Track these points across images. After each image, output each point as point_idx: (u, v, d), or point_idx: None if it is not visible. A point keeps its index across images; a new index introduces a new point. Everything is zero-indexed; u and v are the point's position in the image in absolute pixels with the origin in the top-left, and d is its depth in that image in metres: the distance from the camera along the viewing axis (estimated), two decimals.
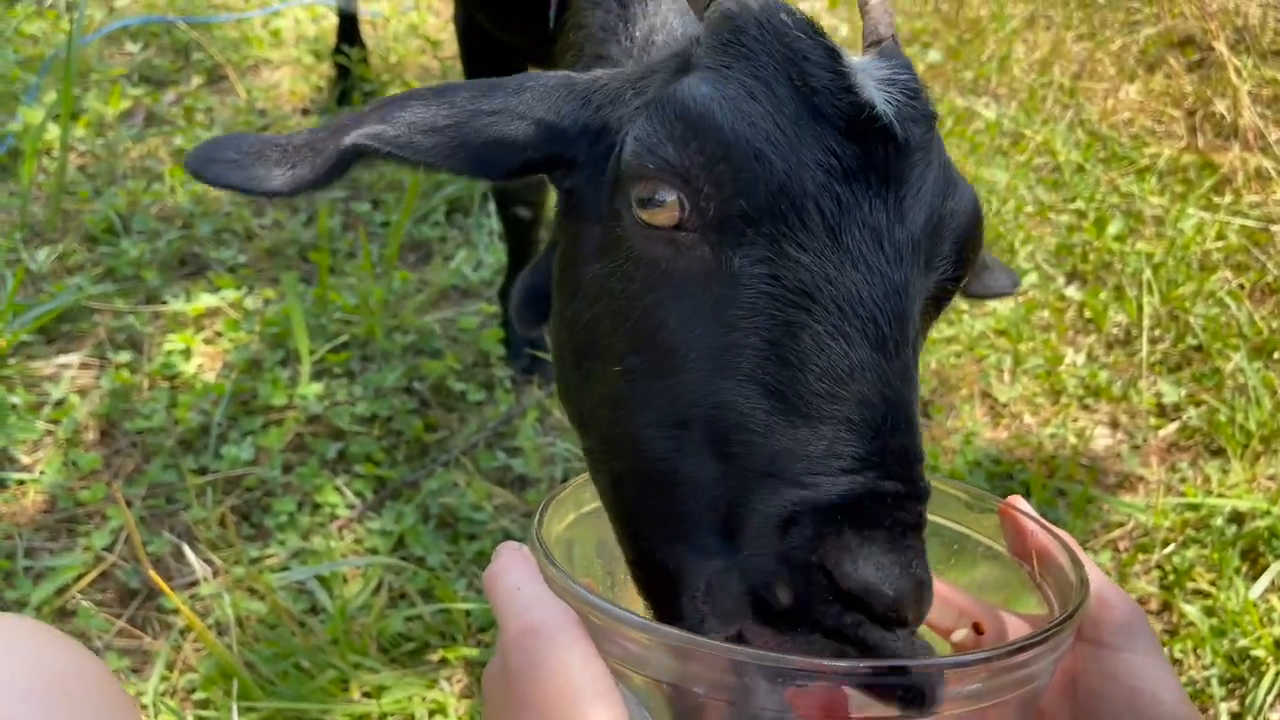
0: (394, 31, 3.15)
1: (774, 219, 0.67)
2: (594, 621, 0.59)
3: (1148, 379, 2.14)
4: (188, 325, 2.11)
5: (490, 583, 0.63)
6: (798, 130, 0.68)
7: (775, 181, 0.67)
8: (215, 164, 0.79)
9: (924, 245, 0.70)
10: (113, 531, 1.72)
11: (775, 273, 0.67)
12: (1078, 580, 0.66)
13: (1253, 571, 1.77)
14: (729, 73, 0.71)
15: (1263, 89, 3.08)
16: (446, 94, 0.82)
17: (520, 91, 0.83)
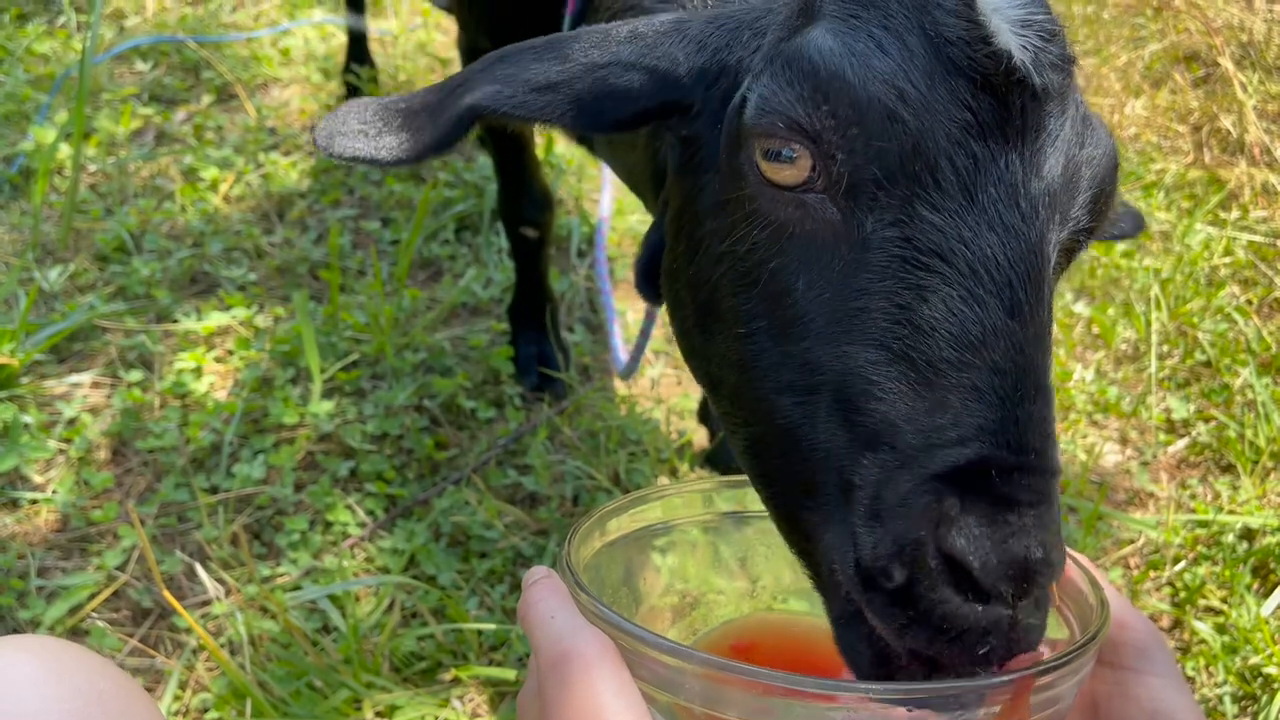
0: (402, 50, 3.17)
1: (907, 180, 0.65)
2: (624, 646, 0.59)
3: (1157, 395, 2.14)
4: (199, 344, 2.12)
5: (524, 611, 0.64)
6: (931, 85, 0.65)
7: (909, 142, 0.65)
8: (341, 137, 0.80)
9: (1060, 197, 0.67)
10: (125, 550, 1.73)
11: (907, 235, 0.65)
12: (1097, 602, 0.66)
13: (1264, 588, 1.76)
14: (857, 23, 0.67)
15: (1268, 104, 3.09)
16: (557, 47, 0.81)
17: (633, 40, 0.81)
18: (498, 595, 1.69)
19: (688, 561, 0.84)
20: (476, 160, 2.74)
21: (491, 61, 0.82)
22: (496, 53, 0.83)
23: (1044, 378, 0.64)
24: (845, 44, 0.67)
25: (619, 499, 0.78)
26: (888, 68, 0.65)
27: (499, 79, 0.80)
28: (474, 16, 1.61)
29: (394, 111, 0.82)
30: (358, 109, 0.82)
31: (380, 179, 2.64)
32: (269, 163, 2.64)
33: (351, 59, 2.88)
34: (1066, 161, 0.67)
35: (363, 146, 0.79)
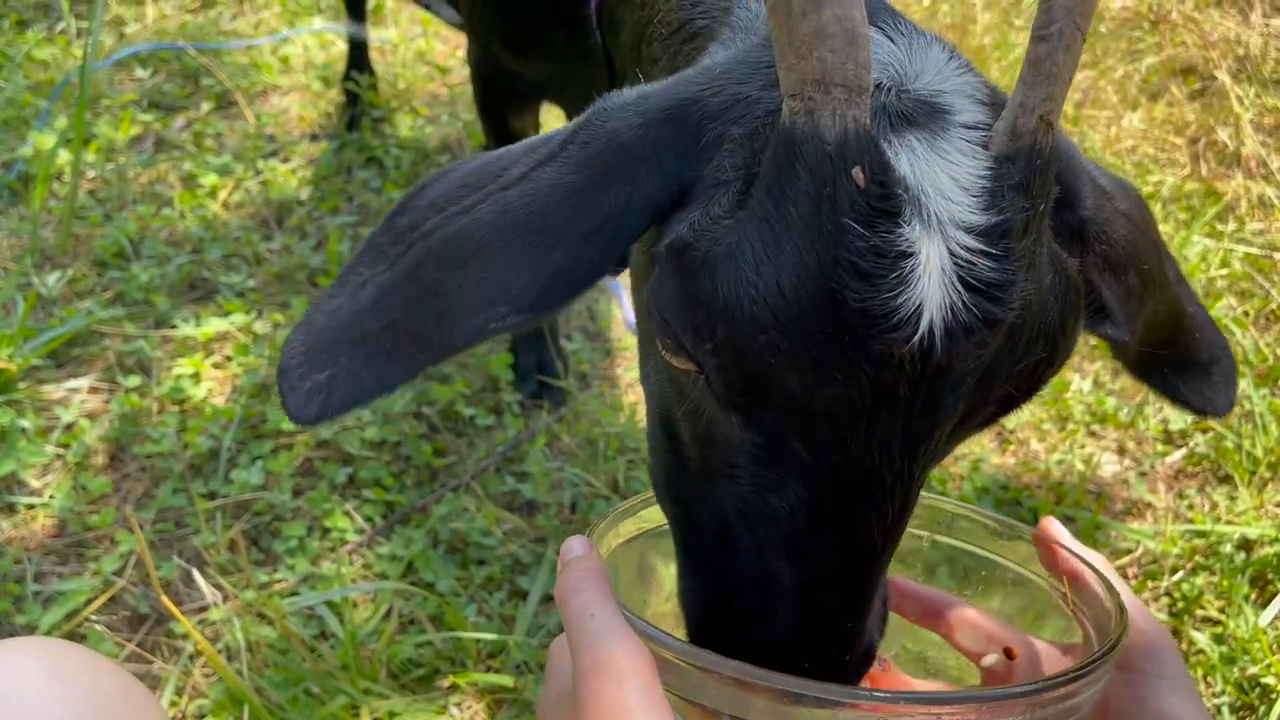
0: (402, 58, 3.17)
1: (781, 415, 0.62)
2: (654, 653, 0.60)
3: (1154, 405, 2.15)
4: (197, 349, 2.12)
5: (563, 596, 0.63)
6: (826, 348, 0.58)
7: (788, 393, 0.61)
8: (316, 395, 0.67)
9: (957, 416, 0.63)
10: (122, 556, 1.72)
11: (773, 449, 0.63)
12: (1114, 607, 0.67)
13: (1262, 599, 1.77)
14: (770, 238, 0.59)
15: (1264, 117, 3.10)
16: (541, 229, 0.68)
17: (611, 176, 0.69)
18: (496, 602, 1.69)
19: None
20: None
21: (458, 254, 0.68)
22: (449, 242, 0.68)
23: (867, 588, 0.65)
24: (747, 275, 0.59)
25: (629, 500, 0.78)
26: (783, 314, 0.58)
27: (498, 295, 0.67)
28: (488, 26, 1.57)
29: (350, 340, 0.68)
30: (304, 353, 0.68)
31: (380, 186, 2.64)
32: (268, 170, 2.64)
33: (351, 67, 2.88)
34: (976, 388, 0.62)
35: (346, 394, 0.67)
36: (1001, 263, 0.59)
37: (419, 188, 0.72)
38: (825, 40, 0.57)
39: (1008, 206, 0.60)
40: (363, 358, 0.68)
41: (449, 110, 2.98)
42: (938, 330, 0.58)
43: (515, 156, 0.71)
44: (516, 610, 1.68)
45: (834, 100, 0.57)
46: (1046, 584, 0.78)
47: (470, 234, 0.68)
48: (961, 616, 0.76)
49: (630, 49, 1.09)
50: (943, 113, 0.63)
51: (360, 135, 2.78)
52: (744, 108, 0.67)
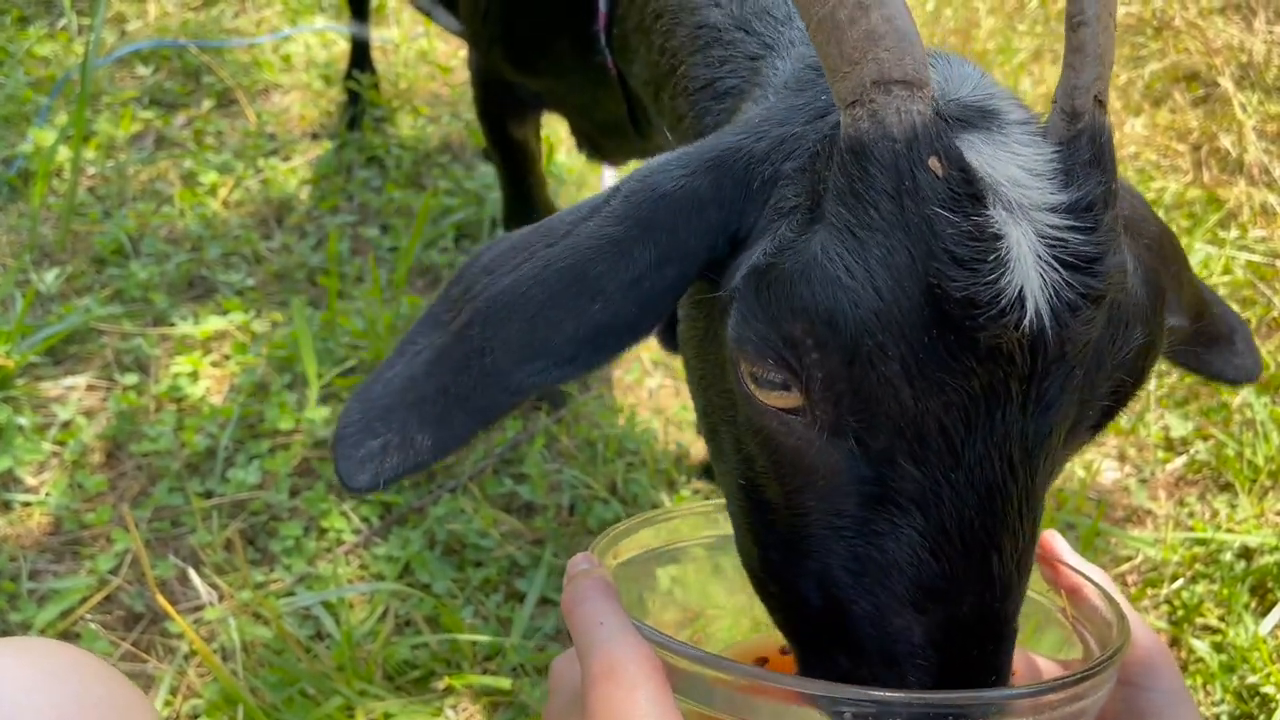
0: (404, 58, 3.17)
1: (892, 433, 0.59)
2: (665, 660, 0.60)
3: (1155, 412, 2.14)
4: (195, 348, 2.11)
5: (570, 607, 0.63)
6: (929, 348, 0.57)
7: (899, 405, 0.58)
8: (368, 464, 0.66)
9: (1069, 421, 0.61)
10: (118, 554, 1.72)
11: (885, 479, 0.60)
12: (1115, 617, 0.66)
13: (1261, 607, 1.76)
14: (856, 245, 0.58)
15: (1267, 124, 3.10)
16: (580, 282, 0.67)
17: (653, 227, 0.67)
18: (492, 604, 1.68)
19: (689, 576, 0.84)
20: (477, 169, 2.73)
21: (504, 312, 0.67)
22: (498, 301, 0.68)
23: (1007, 626, 0.62)
24: (838, 281, 0.58)
25: (627, 521, 0.78)
26: (885, 316, 0.57)
27: (539, 350, 0.66)
28: (489, 36, 1.54)
29: (405, 405, 0.68)
30: (359, 421, 0.68)
31: (380, 185, 2.64)
32: (268, 168, 2.64)
33: (353, 66, 2.88)
34: (1085, 381, 0.60)
35: (399, 462, 0.66)
36: (1091, 235, 0.59)
37: (475, 256, 0.72)
38: (878, 41, 0.57)
39: (1085, 182, 0.60)
40: (417, 423, 0.67)
41: (450, 110, 2.97)
42: (1044, 313, 0.57)
43: (563, 218, 0.71)
44: (513, 612, 1.67)
45: (896, 99, 0.57)
46: (1045, 599, 0.77)
47: (513, 291, 0.67)
48: None
49: (647, 86, 1.09)
50: (993, 114, 0.63)
51: (361, 134, 2.77)
52: (792, 144, 0.67)
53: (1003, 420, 0.58)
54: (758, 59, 0.88)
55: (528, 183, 1.87)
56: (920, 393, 0.58)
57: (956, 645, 0.60)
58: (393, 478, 0.66)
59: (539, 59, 1.48)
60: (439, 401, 0.67)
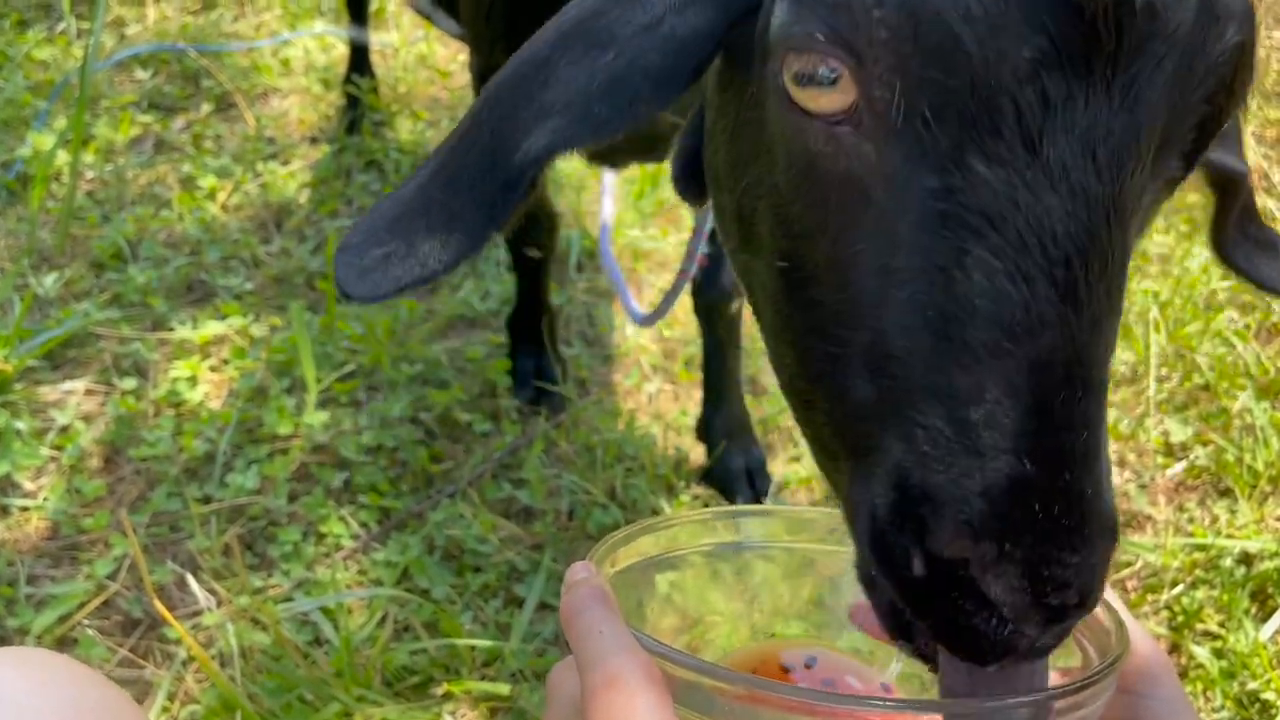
0: (403, 62, 3.17)
1: (960, 120, 0.52)
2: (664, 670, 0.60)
3: (1155, 417, 2.14)
4: (194, 352, 2.11)
5: (568, 616, 0.62)
6: (1007, 4, 0.50)
7: (968, 75, 0.51)
8: (371, 274, 0.63)
9: (1158, 129, 0.54)
10: (115, 559, 1.71)
11: (952, 188, 0.53)
12: (1114, 624, 0.66)
13: (1262, 613, 1.76)
14: None
15: (1266, 130, 3.10)
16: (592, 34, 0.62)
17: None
18: (491, 610, 1.68)
19: (687, 582, 0.84)
20: None
21: (510, 88, 0.63)
22: (505, 79, 0.64)
23: (1097, 370, 0.54)
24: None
25: (627, 528, 0.78)
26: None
27: (549, 109, 0.61)
28: (492, 34, 1.50)
29: (412, 212, 0.64)
30: (365, 232, 0.65)
31: (379, 190, 2.64)
32: (267, 172, 2.64)
33: (352, 70, 2.88)
34: (1172, 85, 0.53)
35: (403, 271, 0.63)
36: None
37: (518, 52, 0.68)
38: None
39: None
40: (424, 229, 0.63)
41: (450, 114, 2.97)
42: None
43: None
44: (512, 618, 1.66)
45: None
46: None
47: (518, 63, 0.63)
48: None
49: None
50: None
51: (360, 138, 2.77)
52: None
53: (1086, 107, 0.51)
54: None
55: None
56: (995, 64, 0.51)
57: (1042, 397, 0.52)
58: (394, 289, 0.62)
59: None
60: (446, 201, 0.63)
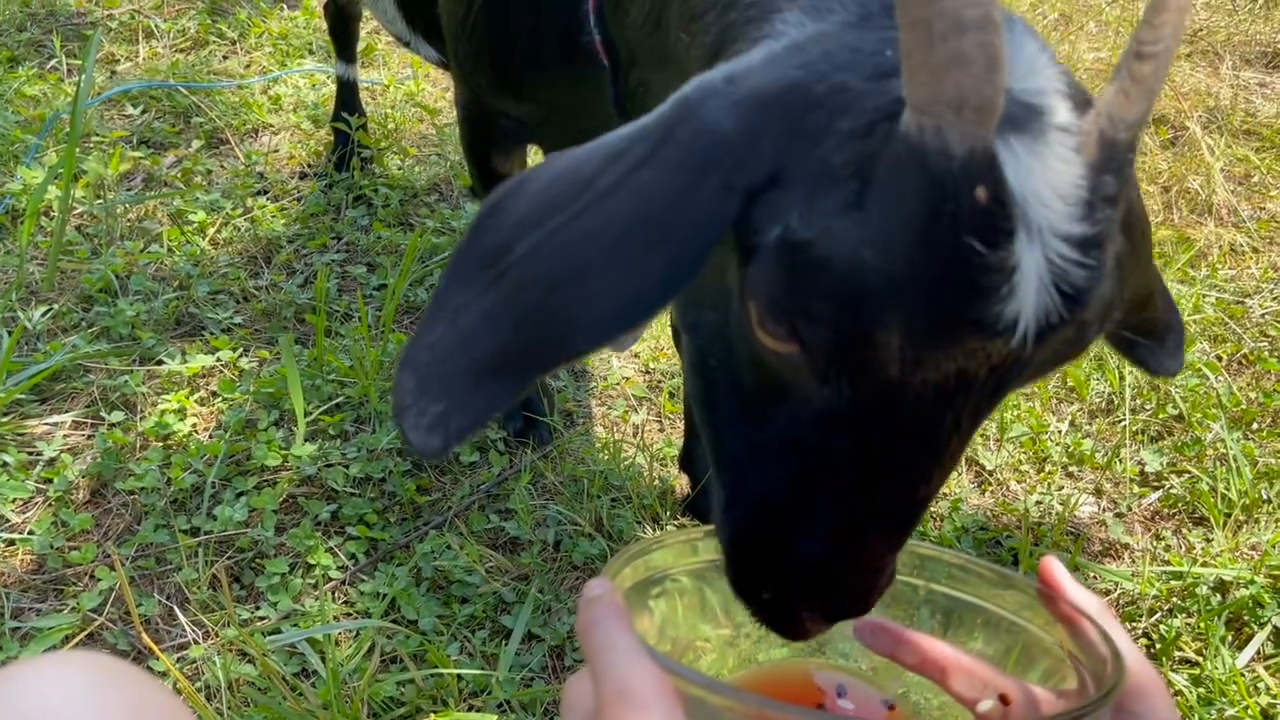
0: (392, 99, 3.21)
1: (870, 393, 0.66)
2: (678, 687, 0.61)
3: (1130, 448, 2.18)
4: (183, 385, 2.12)
5: (584, 630, 0.64)
6: (928, 343, 0.62)
7: (884, 377, 0.64)
8: (436, 429, 0.68)
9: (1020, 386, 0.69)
10: (102, 593, 1.71)
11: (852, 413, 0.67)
12: (1110, 654, 0.67)
13: (1238, 640, 1.78)
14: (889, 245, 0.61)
15: (1234, 167, 3.17)
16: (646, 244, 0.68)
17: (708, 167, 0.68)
18: (478, 640, 1.69)
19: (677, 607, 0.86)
20: (464, 208, 2.77)
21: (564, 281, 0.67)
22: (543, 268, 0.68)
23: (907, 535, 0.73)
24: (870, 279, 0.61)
25: (622, 552, 0.79)
26: (901, 319, 0.62)
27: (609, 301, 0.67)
28: (474, 55, 1.52)
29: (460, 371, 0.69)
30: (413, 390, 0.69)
31: (368, 225, 2.67)
32: (257, 207, 2.66)
33: (341, 107, 2.91)
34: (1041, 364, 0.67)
35: (464, 420, 0.68)
36: (1092, 271, 0.63)
37: (493, 207, 0.71)
38: (966, 66, 0.57)
39: (1101, 219, 0.63)
40: (473, 381, 0.68)
41: (438, 150, 3.01)
42: (1030, 333, 0.62)
43: (596, 165, 0.69)
44: (499, 649, 1.68)
45: (965, 121, 0.58)
46: (1040, 630, 0.78)
47: (576, 247, 0.67)
48: (958, 663, 0.76)
49: (644, 25, 1.07)
50: (1039, 113, 0.63)
51: (349, 174, 2.80)
52: (849, 99, 0.66)
53: (964, 394, 0.65)
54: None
55: None
56: (907, 372, 0.63)
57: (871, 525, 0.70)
58: (460, 437, 0.68)
59: (523, 72, 1.47)
60: (495, 359, 0.68)
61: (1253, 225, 2.91)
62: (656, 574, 0.83)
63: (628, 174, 0.68)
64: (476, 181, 1.85)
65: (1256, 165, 3.16)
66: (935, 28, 0.57)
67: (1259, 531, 1.97)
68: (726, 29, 0.88)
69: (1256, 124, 3.42)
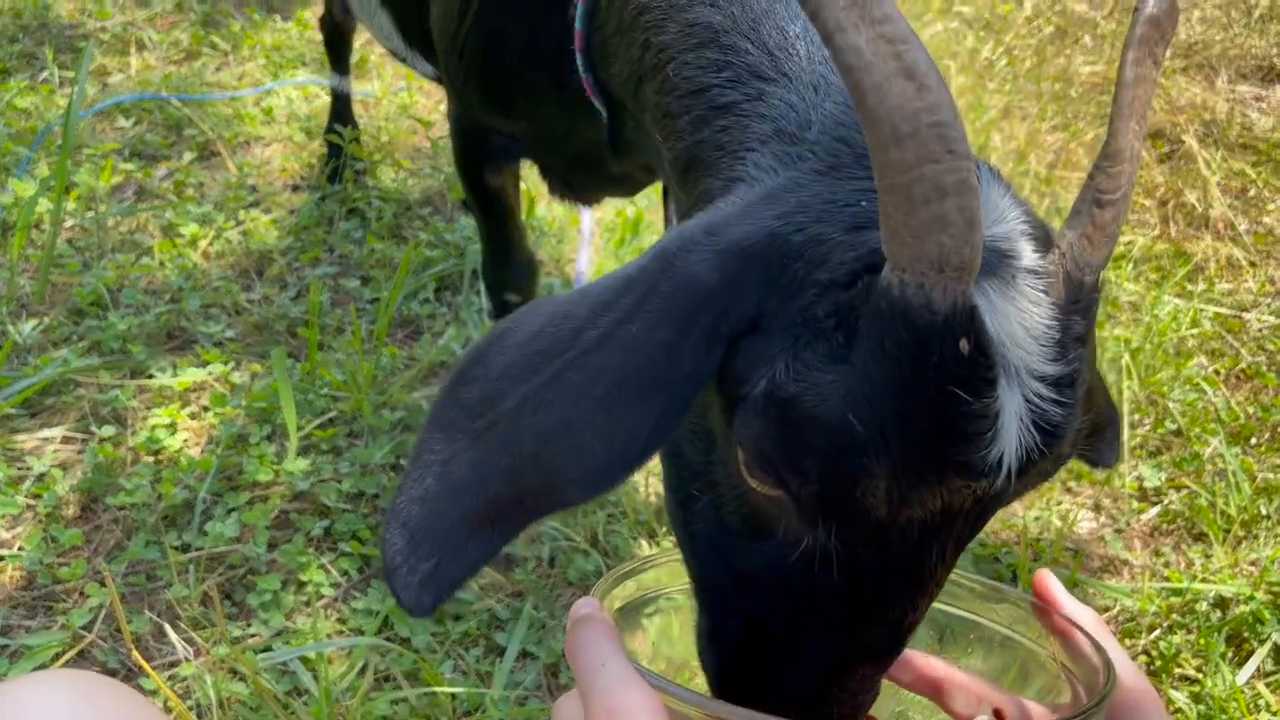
0: (385, 112, 3.20)
1: (858, 535, 0.68)
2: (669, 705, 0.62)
3: (1129, 463, 2.17)
4: (174, 399, 2.10)
5: (573, 651, 0.64)
6: (914, 486, 0.64)
7: (871, 520, 0.66)
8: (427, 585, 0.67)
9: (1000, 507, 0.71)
10: (92, 609, 1.69)
11: (840, 554, 0.69)
12: (1102, 664, 0.68)
13: (1238, 657, 1.77)
14: (875, 398, 0.63)
15: (1231, 181, 3.17)
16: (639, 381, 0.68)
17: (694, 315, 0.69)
18: (472, 659, 1.67)
19: (672, 625, 0.85)
20: (458, 221, 2.76)
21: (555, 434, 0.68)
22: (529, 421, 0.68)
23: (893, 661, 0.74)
24: (857, 432, 0.63)
25: (611, 572, 0.79)
26: (887, 467, 0.64)
27: (601, 452, 0.68)
28: (465, 74, 1.51)
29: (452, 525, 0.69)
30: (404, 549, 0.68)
31: (361, 237, 2.65)
32: (249, 220, 2.65)
33: (335, 119, 2.90)
34: (1022, 487, 0.69)
35: (456, 571, 0.68)
36: (1067, 408, 0.66)
37: (477, 357, 0.71)
38: (946, 228, 0.59)
39: (1074, 358, 0.66)
40: (466, 533, 0.68)
41: (431, 163, 3.00)
42: (1013, 470, 0.65)
43: (583, 316, 0.70)
44: (493, 666, 1.66)
45: (946, 279, 0.60)
46: (1034, 644, 0.79)
47: (566, 400, 0.68)
48: (953, 679, 0.77)
49: (627, 84, 1.07)
50: (1008, 258, 0.66)
51: (342, 187, 2.79)
52: (827, 251, 0.68)
53: (948, 528, 0.68)
54: (767, 82, 0.86)
55: (506, 233, 1.87)
56: (894, 513, 0.66)
57: (858, 656, 0.71)
58: (452, 591, 0.68)
59: (514, 92, 1.47)
60: (487, 510, 0.68)
61: (1250, 239, 2.91)
62: (649, 593, 0.83)
63: (615, 326, 0.68)
64: (469, 196, 1.83)
65: (1253, 179, 3.17)
66: (915, 192, 0.58)
67: (1258, 547, 1.96)
68: (699, 145, 0.89)
69: (1253, 138, 3.42)
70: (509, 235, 1.87)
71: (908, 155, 0.57)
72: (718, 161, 0.86)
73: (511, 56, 1.42)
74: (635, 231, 2.67)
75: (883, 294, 0.62)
